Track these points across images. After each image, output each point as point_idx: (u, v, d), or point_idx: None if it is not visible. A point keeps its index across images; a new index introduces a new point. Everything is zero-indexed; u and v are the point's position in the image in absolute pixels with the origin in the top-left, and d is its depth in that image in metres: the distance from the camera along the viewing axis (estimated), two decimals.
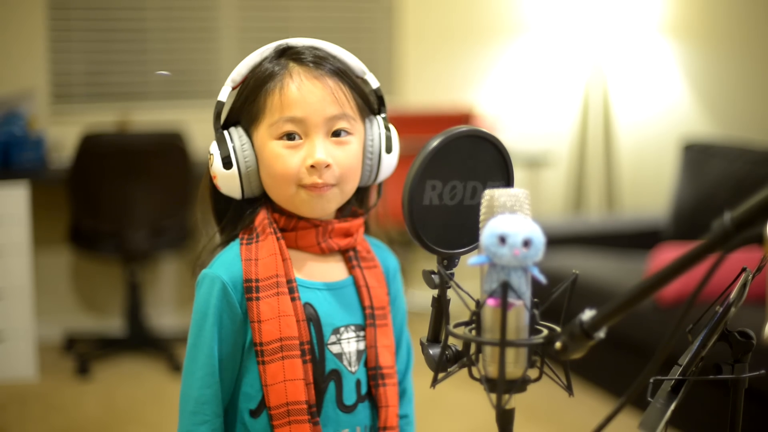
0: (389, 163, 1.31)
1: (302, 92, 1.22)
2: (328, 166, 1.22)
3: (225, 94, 1.26)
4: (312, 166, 1.21)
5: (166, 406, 3.53)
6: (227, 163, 1.23)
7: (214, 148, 1.24)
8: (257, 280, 1.21)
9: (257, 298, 1.21)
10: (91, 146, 3.86)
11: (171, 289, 4.60)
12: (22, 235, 3.84)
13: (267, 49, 1.28)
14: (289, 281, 1.23)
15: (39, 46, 4.36)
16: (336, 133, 1.24)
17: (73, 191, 3.92)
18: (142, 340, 4.20)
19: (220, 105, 1.26)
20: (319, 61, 1.25)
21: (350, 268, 1.30)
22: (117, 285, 4.47)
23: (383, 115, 1.33)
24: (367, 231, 1.36)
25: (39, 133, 4.15)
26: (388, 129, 1.31)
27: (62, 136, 4.31)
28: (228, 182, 1.24)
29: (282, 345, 1.19)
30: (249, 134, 1.25)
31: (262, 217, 1.26)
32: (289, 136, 1.22)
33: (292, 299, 1.22)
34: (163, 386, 3.80)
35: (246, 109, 1.25)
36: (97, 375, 3.97)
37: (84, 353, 4.10)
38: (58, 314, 4.48)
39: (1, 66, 4.33)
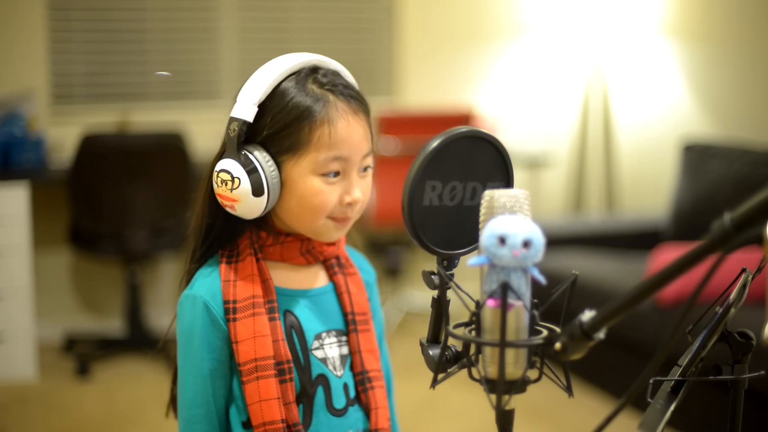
0: None
1: (349, 131, 1.22)
2: (360, 202, 1.24)
3: (251, 114, 1.20)
4: (349, 204, 1.23)
5: (166, 406, 3.52)
6: (258, 190, 1.19)
7: (237, 171, 1.19)
8: (235, 302, 1.22)
9: (234, 319, 1.22)
10: (91, 147, 3.86)
11: (171, 290, 4.60)
12: (22, 236, 3.84)
13: (289, 67, 1.22)
14: (268, 301, 1.23)
15: (39, 47, 4.36)
16: (364, 168, 1.26)
17: (73, 192, 3.92)
18: (142, 341, 4.20)
19: (244, 125, 1.20)
20: (354, 96, 1.25)
21: (331, 275, 1.32)
22: (117, 285, 4.47)
23: None
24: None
25: (39, 134, 4.14)
26: None
27: (62, 136, 4.31)
28: (250, 207, 1.21)
29: (257, 365, 1.20)
30: (277, 161, 1.21)
31: (245, 236, 1.27)
32: (331, 173, 1.22)
33: (271, 319, 1.22)
34: (163, 387, 3.78)
35: (281, 137, 1.21)
36: (97, 375, 3.97)
37: (84, 354, 4.10)
38: (58, 315, 4.48)
39: (1, 66, 4.33)
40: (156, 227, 4.03)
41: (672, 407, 0.92)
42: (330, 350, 1.27)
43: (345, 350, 1.29)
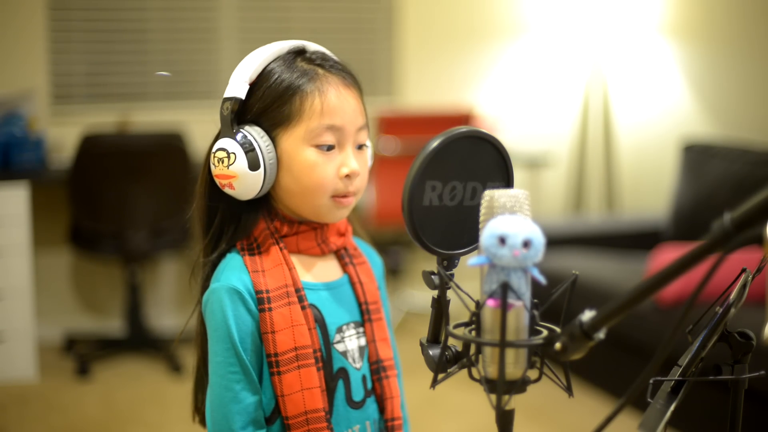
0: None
1: (341, 101, 1.23)
2: (358, 175, 1.24)
3: (243, 91, 1.22)
4: (347, 176, 1.23)
5: (165, 406, 3.53)
6: (254, 164, 1.20)
7: (233, 146, 1.20)
8: (268, 291, 1.21)
9: (269, 309, 1.21)
10: (91, 147, 3.86)
11: (171, 290, 4.60)
12: (22, 236, 3.84)
13: (280, 48, 1.26)
14: (297, 290, 1.23)
15: (39, 47, 4.36)
16: (359, 145, 1.26)
17: (73, 192, 3.92)
18: (142, 341, 4.20)
19: (237, 102, 1.22)
20: (344, 70, 1.27)
21: (344, 266, 1.32)
22: (117, 285, 4.47)
23: None
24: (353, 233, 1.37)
25: (39, 134, 4.14)
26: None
27: (62, 136, 4.31)
28: (248, 183, 1.21)
29: (297, 354, 1.20)
30: (270, 136, 1.23)
31: (262, 227, 1.26)
32: (326, 145, 1.22)
33: (303, 308, 1.22)
34: (163, 387, 3.80)
35: (272, 110, 1.23)
36: (97, 375, 3.97)
37: (84, 354, 4.10)
38: (58, 315, 4.48)
39: (1, 66, 4.33)
40: (156, 227, 4.03)
41: (672, 407, 0.92)
42: (350, 342, 1.27)
43: (363, 341, 1.29)
